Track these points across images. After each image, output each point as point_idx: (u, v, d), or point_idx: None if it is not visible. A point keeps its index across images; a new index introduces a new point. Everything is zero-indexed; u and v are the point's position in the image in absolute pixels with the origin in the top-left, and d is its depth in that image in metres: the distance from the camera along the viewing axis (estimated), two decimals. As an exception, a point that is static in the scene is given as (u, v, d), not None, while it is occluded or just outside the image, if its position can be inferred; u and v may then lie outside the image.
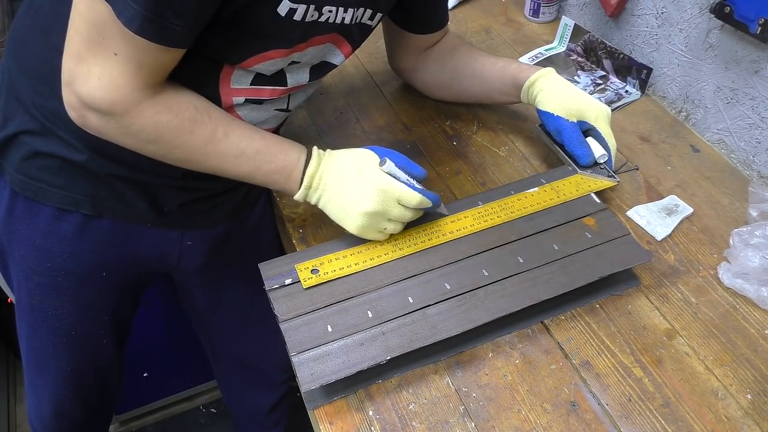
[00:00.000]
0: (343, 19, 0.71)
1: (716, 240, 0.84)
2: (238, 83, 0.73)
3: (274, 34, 0.67)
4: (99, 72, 0.62)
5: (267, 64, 0.71)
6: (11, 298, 1.26)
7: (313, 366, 0.67)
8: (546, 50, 1.19)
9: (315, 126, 1.04)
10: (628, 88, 1.09)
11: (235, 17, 0.64)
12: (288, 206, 0.91)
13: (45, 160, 0.76)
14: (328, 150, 0.77)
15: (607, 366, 0.71)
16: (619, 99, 1.07)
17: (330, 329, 0.70)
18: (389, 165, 0.73)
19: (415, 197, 0.72)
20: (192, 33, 0.62)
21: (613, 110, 1.05)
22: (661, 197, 0.89)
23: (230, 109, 0.75)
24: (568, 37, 1.17)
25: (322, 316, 0.71)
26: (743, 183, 0.91)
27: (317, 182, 0.74)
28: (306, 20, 0.67)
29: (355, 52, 0.82)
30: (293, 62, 0.74)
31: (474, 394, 0.69)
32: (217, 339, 1.17)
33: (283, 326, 0.70)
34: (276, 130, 0.86)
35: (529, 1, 1.25)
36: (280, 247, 1.03)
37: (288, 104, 0.81)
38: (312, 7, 0.66)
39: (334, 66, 0.80)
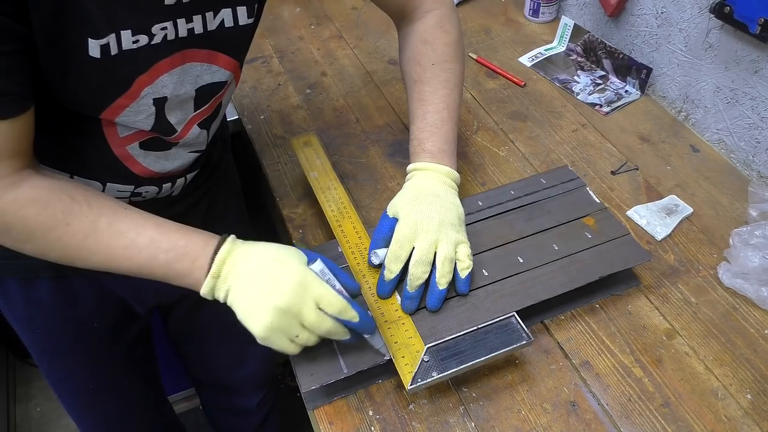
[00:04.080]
0: (191, 30, 0.61)
1: (716, 240, 0.84)
2: (125, 131, 0.66)
3: (103, 78, 0.59)
4: None
5: (129, 115, 0.63)
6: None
7: (312, 366, 0.67)
8: (546, 50, 1.19)
9: (315, 126, 1.04)
10: (627, 88, 1.09)
11: (55, 72, 0.57)
12: (288, 206, 0.91)
13: None
14: (242, 241, 0.65)
15: (607, 366, 0.71)
16: (618, 99, 1.07)
17: (330, 329, 0.70)
18: (319, 264, 0.63)
19: (337, 302, 0.61)
20: (7, 99, 0.54)
21: (613, 110, 1.05)
22: (661, 197, 0.89)
23: (133, 163, 0.69)
24: (568, 37, 1.17)
25: (322, 316, 0.71)
26: (743, 183, 0.91)
27: (228, 270, 0.62)
28: (127, 49, 0.58)
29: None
30: (158, 99, 0.64)
31: (474, 394, 0.69)
32: (194, 365, 1.15)
33: (283, 326, 0.70)
34: (215, 164, 0.82)
35: (529, 1, 1.25)
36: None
37: (194, 138, 0.72)
38: (127, 33, 0.56)
39: (222, 84, 0.69)
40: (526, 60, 1.17)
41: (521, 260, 0.76)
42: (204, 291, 0.62)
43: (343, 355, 0.67)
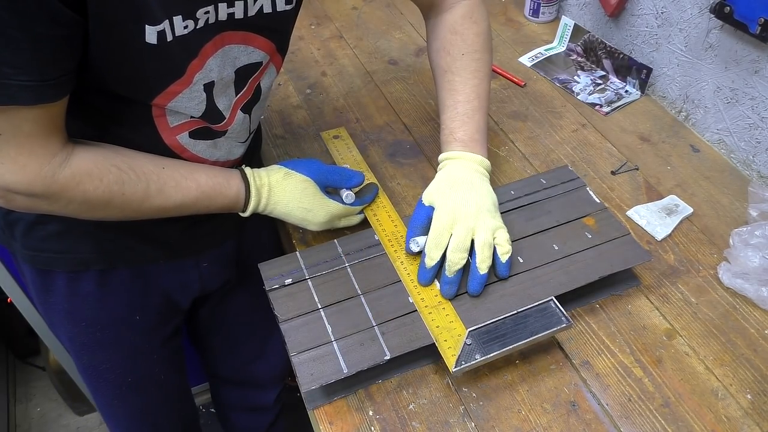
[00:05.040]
0: (231, 14, 0.64)
1: (716, 240, 0.84)
2: (175, 120, 0.69)
3: (160, 65, 0.62)
4: None
5: (182, 101, 0.66)
6: (10, 298, 1.26)
7: (313, 366, 0.67)
8: (546, 50, 1.19)
9: (315, 126, 1.04)
10: (628, 88, 1.09)
11: (110, 59, 0.59)
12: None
13: (42, 229, 0.75)
14: (266, 177, 0.77)
15: (607, 366, 0.71)
16: (619, 99, 1.07)
17: (330, 329, 0.70)
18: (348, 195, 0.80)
19: (346, 212, 0.81)
20: (47, 84, 0.56)
21: (613, 110, 1.05)
22: (661, 197, 0.89)
23: (183, 151, 0.73)
24: (568, 37, 1.17)
25: (322, 316, 0.71)
26: (743, 183, 0.91)
27: (265, 213, 0.78)
28: (180, 35, 0.60)
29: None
30: (207, 84, 0.67)
31: (474, 394, 0.69)
32: (215, 359, 1.17)
33: (283, 326, 0.70)
34: (249, 157, 0.85)
35: (529, 1, 1.25)
36: (280, 248, 1.03)
37: (239, 125, 0.77)
38: (179, 18, 0.59)
39: (258, 65, 0.72)
40: (526, 60, 1.17)
41: (521, 260, 0.76)
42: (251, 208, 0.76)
43: (343, 355, 0.67)
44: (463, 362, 0.65)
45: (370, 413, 0.68)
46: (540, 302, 0.70)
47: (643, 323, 0.75)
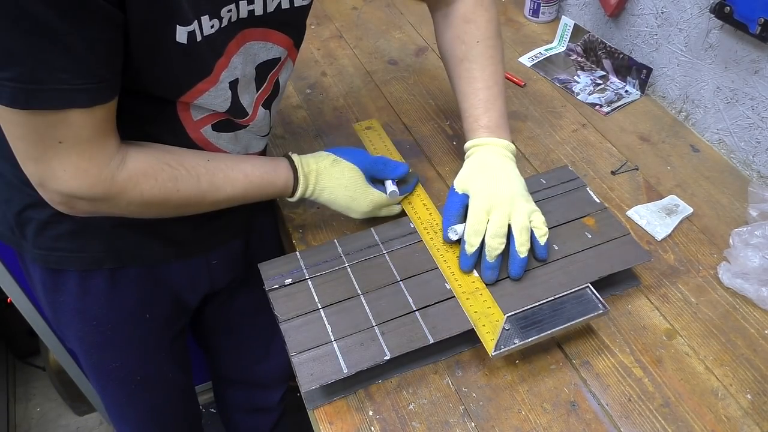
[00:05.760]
0: (251, 12, 0.65)
1: (716, 240, 0.84)
2: (199, 113, 0.71)
3: (189, 64, 0.63)
4: (60, 165, 0.60)
5: (208, 98, 0.68)
6: (10, 298, 1.26)
7: (313, 366, 0.67)
8: (546, 50, 1.19)
9: (315, 126, 1.04)
10: (628, 88, 1.09)
11: (142, 59, 0.60)
12: (288, 206, 0.91)
13: (55, 228, 0.75)
14: (314, 163, 0.78)
15: (607, 366, 0.71)
16: (618, 99, 1.07)
17: (330, 329, 0.70)
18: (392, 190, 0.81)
19: (387, 202, 0.81)
20: (100, 85, 0.57)
21: (613, 110, 1.05)
22: (661, 197, 0.89)
23: (207, 145, 0.74)
24: (568, 37, 1.17)
25: (322, 316, 0.71)
26: (743, 183, 0.91)
27: (311, 199, 0.79)
28: (207, 35, 0.62)
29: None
30: (232, 81, 0.69)
31: (474, 394, 0.69)
32: (220, 359, 1.17)
33: (282, 326, 0.70)
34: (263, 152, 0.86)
35: (529, 1, 1.25)
36: (281, 247, 1.03)
37: (261, 120, 0.78)
38: (206, 18, 0.61)
39: (276, 60, 0.74)
40: (526, 60, 1.17)
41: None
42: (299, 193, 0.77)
43: (343, 355, 0.67)
44: (502, 346, 0.67)
45: (370, 413, 0.68)
46: (576, 289, 0.71)
47: (643, 323, 0.75)
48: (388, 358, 0.67)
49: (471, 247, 0.74)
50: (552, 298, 0.70)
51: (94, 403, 1.55)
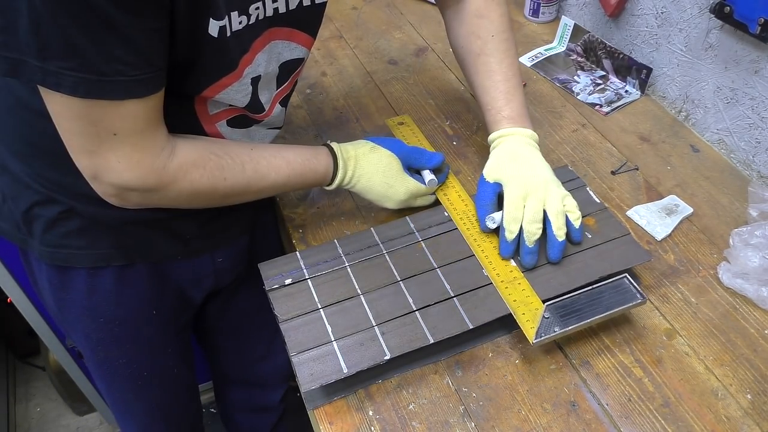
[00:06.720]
0: (276, 9, 0.68)
1: (716, 240, 0.84)
2: (215, 108, 0.72)
3: (216, 58, 0.64)
4: (114, 157, 0.61)
5: (230, 93, 0.69)
6: (10, 297, 1.26)
7: (313, 366, 0.67)
8: (546, 50, 1.19)
9: (315, 126, 1.04)
10: (627, 88, 1.09)
11: (177, 49, 0.61)
12: (288, 206, 0.91)
13: (63, 225, 0.76)
14: (353, 150, 0.80)
15: (607, 366, 0.71)
16: (618, 99, 1.07)
17: (330, 329, 0.70)
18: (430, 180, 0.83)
19: (423, 191, 0.83)
20: (155, 75, 0.59)
21: (613, 110, 1.05)
22: (661, 197, 0.89)
23: (221, 138, 0.74)
24: (568, 37, 1.17)
25: (322, 316, 0.71)
26: (743, 183, 0.91)
27: (348, 186, 0.81)
28: (235, 30, 0.64)
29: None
30: (254, 78, 0.71)
31: (474, 394, 0.69)
32: (221, 358, 1.17)
33: (282, 326, 0.70)
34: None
35: (529, 1, 1.25)
36: (280, 247, 1.03)
37: (276, 116, 0.80)
38: (235, 14, 0.62)
39: (300, 60, 0.77)
40: (526, 60, 1.17)
41: (521, 260, 0.76)
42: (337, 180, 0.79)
43: (343, 355, 0.67)
44: (542, 334, 0.67)
45: (370, 413, 0.68)
46: (614, 279, 0.72)
47: (643, 323, 0.75)
48: (388, 358, 0.67)
49: (511, 234, 0.75)
50: (590, 288, 0.71)
51: (94, 403, 1.55)
